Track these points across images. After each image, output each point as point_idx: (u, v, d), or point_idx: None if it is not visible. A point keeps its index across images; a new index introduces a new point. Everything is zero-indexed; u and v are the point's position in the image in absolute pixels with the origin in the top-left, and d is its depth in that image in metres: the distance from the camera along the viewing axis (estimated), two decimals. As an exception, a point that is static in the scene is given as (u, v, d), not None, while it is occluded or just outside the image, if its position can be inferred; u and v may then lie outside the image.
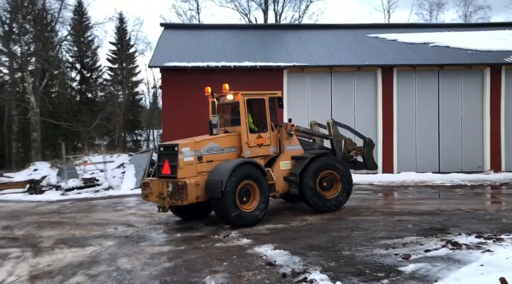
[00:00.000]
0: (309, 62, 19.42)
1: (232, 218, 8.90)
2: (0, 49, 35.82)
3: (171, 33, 23.71)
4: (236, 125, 10.07)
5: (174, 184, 8.82)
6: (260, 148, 10.13)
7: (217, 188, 8.72)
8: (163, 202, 9.09)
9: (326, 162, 10.58)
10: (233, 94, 10.13)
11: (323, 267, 6.08)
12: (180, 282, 5.64)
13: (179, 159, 8.90)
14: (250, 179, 9.27)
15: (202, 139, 9.47)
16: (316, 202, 10.35)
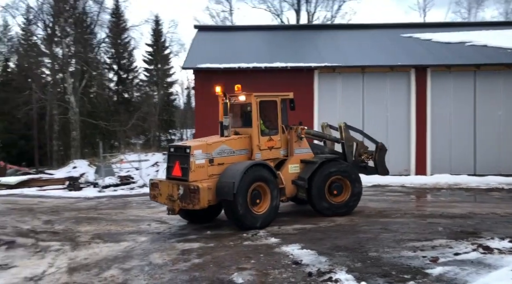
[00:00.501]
0: (340, 63, 19.32)
1: (243, 220, 8.75)
2: (43, 51, 37.52)
3: (204, 35, 24.12)
4: (247, 126, 9.90)
5: (185, 187, 8.59)
6: (271, 151, 9.95)
7: (229, 190, 8.52)
8: (172, 204, 8.88)
9: (336, 168, 10.31)
10: (246, 95, 9.96)
11: (349, 268, 6.14)
12: (208, 277, 5.83)
13: (191, 162, 8.71)
14: (262, 181, 9.09)
15: (214, 141, 9.31)
16: (324, 208, 10.12)
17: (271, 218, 9.25)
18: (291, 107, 10.30)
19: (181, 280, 5.77)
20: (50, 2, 33.43)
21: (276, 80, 18.91)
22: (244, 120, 10.25)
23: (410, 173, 19.03)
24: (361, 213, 10.70)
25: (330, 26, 28.89)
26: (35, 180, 20.55)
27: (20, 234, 9.50)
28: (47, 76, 38.62)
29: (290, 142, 10.30)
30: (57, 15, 33.25)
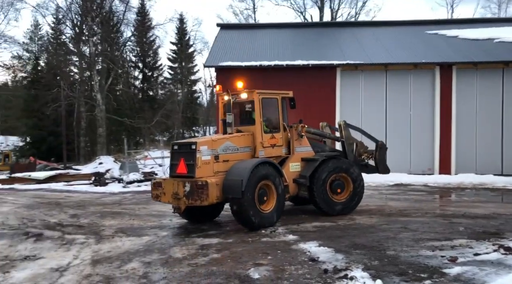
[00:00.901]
0: (363, 60, 19.18)
1: (251, 219, 8.55)
2: (71, 49, 38.52)
3: (227, 33, 24.30)
4: (249, 124, 9.78)
5: (192, 184, 8.40)
6: (273, 149, 9.86)
7: (237, 187, 8.34)
8: (178, 202, 8.67)
9: (337, 165, 10.23)
10: (248, 92, 9.81)
11: (365, 265, 6.15)
12: (225, 272, 5.95)
13: (197, 158, 8.55)
14: (268, 180, 8.95)
15: (218, 138, 9.23)
16: (326, 206, 10.02)
17: (277, 217, 9.11)
18: (291, 105, 10.20)
19: (199, 274, 5.90)
20: (78, 2, 34.27)
21: (298, 78, 18.94)
22: (246, 117, 10.08)
23: (433, 172, 18.76)
24: (381, 212, 10.65)
25: (353, 24, 28.63)
26: (63, 175, 21.22)
27: (47, 227, 9.87)
28: (75, 74, 39.62)
29: (291, 140, 10.21)
30: (84, 14, 34.06)
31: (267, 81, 19.62)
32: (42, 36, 47.58)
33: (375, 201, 12.72)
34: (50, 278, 5.88)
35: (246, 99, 9.82)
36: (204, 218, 9.75)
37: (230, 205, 8.71)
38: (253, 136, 9.59)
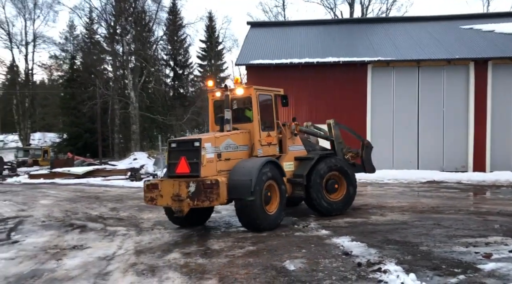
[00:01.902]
0: (395, 57, 19.06)
1: (259, 221, 8.18)
2: (105, 49, 39.70)
3: (257, 31, 24.54)
4: (245, 121, 9.40)
5: (198, 184, 7.86)
6: (269, 147, 9.51)
7: (246, 188, 7.94)
8: (180, 205, 8.03)
9: (332, 163, 10.00)
10: (245, 89, 9.36)
11: (398, 260, 6.27)
12: (262, 263, 6.20)
13: (202, 156, 8.04)
14: (273, 180, 8.61)
15: (221, 135, 8.71)
16: (323, 205, 9.78)
17: (280, 219, 8.78)
18: (283, 103, 9.82)
19: (237, 264, 6.18)
20: (112, 2, 35.28)
21: (328, 75, 19.02)
22: (240, 115, 9.64)
23: (467, 169, 18.49)
24: (413, 209, 10.68)
25: (384, 19, 28.32)
26: (100, 170, 22.07)
27: (90, 219, 10.40)
28: (109, 73, 40.81)
29: (283, 139, 9.90)
30: (118, 14, 35.03)
31: (297, 79, 19.80)
32: (77, 36, 49.20)
33: (407, 198, 12.73)
34: (99, 266, 6.29)
35: (242, 95, 9.36)
36: (195, 222, 9.19)
37: (237, 206, 8.24)
38: (250, 134, 9.22)
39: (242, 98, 9.51)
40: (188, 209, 8.03)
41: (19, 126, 47.08)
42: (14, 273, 6.01)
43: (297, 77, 19.75)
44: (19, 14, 46.11)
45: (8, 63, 49.45)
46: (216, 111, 9.78)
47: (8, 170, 29.67)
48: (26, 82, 47.77)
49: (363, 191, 14.95)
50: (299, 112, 19.99)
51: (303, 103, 19.99)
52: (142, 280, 5.58)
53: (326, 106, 19.79)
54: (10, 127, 58.95)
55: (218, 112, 9.68)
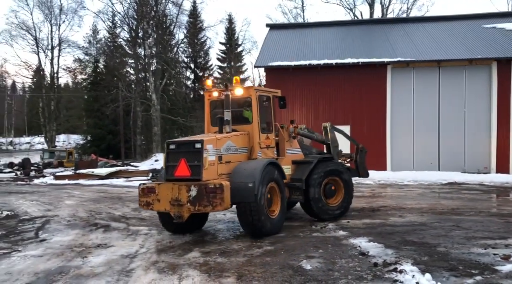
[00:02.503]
0: (415, 57, 18.92)
1: (261, 225, 7.82)
2: (127, 52, 40.48)
3: (276, 33, 24.68)
4: (244, 123, 9.04)
5: (201, 188, 7.42)
6: (268, 150, 9.17)
7: (250, 191, 7.60)
8: (179, 210, 7.57)
9: (330, 168, 9.73)
10: (244, 89, 9.05)
11: (415, 260, 6.31)
12: (279, 262, 6.34)
13: (204, 158, 7.62)
14: (274, 182, 8.32)
15: (222, 137, 8.32)
16: (322, 210, 9.50)
17: (282, 223, 8.51)
18: (280, 105, 9.51)
19: (255, 263, 6.33)
20: (134, 7, 36.01)
21: (347, 76, 19.01)
22: (238, 116, 9.17)
23: (490, 171, 18.20)
24: (432, 210, 10.64)
25: (404, 20, 28.06)
26: (122, 171, 22.56)
27: (113, 219, 10.72)
28: (132, 76, 41.58)
29: (281, 142, 9.60)
30: (140, 18, 35.70)
31: (316, 80, 19.86)
32: (101, 39, 50.31)
33: (427, 200, 12.65)
34: (123, 263, 6.54)
35: (242, 95, 9.02)
36: (189, 228, 8.72)
37: (239, 210, 7.85)
38: (249, 136, 8.89)
39: (240, 99, 9.13)
40: (188, 214, 7.59)
41: (45, 128, 48.43)
42: (42, 269, 6.31)
43: (316, 78, 19.81)
44: (45, 19, 47.52)
45: (35, 67, 50.91)
46: (213, 112, 9.49)
47: (34, 171, 30.60)
48: (52, 86, 49.10)
49: (383, 192, 14.91)
50: (318, 114, 20.05)
51: (322, 105, 20.03)
52: (163, 277, 5.79)
53: (344, 108, 19.80)
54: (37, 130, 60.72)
55: (215, 112, 9.40)
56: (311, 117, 19.85)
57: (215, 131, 8.92)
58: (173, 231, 8.65)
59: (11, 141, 64.87)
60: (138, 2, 35.75)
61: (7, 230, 9.54)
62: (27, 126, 69.50)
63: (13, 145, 63.18)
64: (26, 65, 50.11)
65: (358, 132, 19.72)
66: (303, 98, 19.87)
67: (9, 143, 63.70)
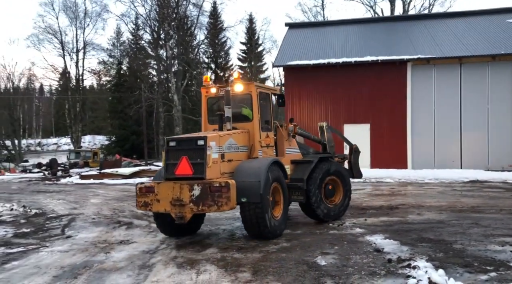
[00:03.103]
0: (435, 54, 18.71)
1: (266, 226, 7.46)
2: (149, 53, 41.21)
3: (295, 32, 24.75)
4: (243, 121, 8.69)
5: (205, 186, 7.03)
6: (268, 149, 8.82)
7: (255, 190, 7.26)
8: (181, 210, 7.16)
9: (330, 167, 9.51)
10: (245, 85, 8.67)
11: (429, 257, 6.35)
12: (294, 258, 6.48)
13: (208, 156, 7.24)
14: (278, 182, 7.97)
15: (224, 134, 7.96)
16: (323, 211, 9.24)
17: (284, 226, 8.15)
18: (279, 103, 9.20)
19: (270, 259, 6.49)
20: (156, 9, 36.64)
21: (367, 74, 18.95)
22: (236, 113, 8.76)
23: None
24: (452, 208, 10.57)
25: (425, 16, 27.69)
26: (145, 171, 23.06)
27: (135, 217, 11.05)
28: (154, 77, 42.30)
29: (280, 141, 9.25)
30: (162, 20, 36.30)
31: (335, 79, 19.85)
32: (124, 42, 51.35)
33: (447, 198, 12.56)
34: (143, 258, 6.81)
35: (242, 92, 8.64)
36: (186, 230, 8.36)
37: (244, 211, 7.50)
38: (249, 134, 8.54)
39: (240, 95, 8.73)
40: (191, 215, 7.21)
41: (71, 129, 49.75)
42: (68, 264, 6.63)
43: (335, 77, 19.81)
44: (71, 23, 48.82)
45: (61, 70, 52.34)
46: (211, 109, 9.22)
47: (61, 171, 31.56)
48: (77, 88, 50.38)
49: (402, 190, 14.84)
50: (337, 112, 20.05)
51: (341, 103, 20.01)
52: (182, 272, 6.01)
53: (364, 106, 19.73)
54: (63, 131, 62.37)
55: (212, 109, 9.15)
56: (330, 116, 19.86)
57: (213, 129, 8.67)
58: (169, 234, 8.31)
59: (39, 142, 66.94)
60: (159, 4, 36.38)
61: (35, 227, 9.98)
62: (54, 128, 71.54)
63: (41, 146, 65.16)
64: (52, 68, 51.64)
65: (378, 130, 19.64)
66: (322, 96, 19.91)
67: (37, 144, 65.73)
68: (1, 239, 8.73)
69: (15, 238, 8.78)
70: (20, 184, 24.53)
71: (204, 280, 5.59)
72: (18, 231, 9.49)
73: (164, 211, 7.41)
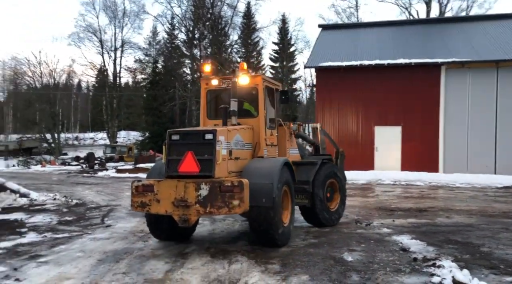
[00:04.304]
0: (471, 57, 18.45)
1: (277, 232, 6.81)
2: (184, 53, 42.11)
3: (328, 34, 24.85)
4: (245, 116, 7.98)
5: (214, 185, 6.27)
6: (272, 148, 8.21)
7: (268, 193, 6.57)
8: (185, 212, 6.38)
9: (331, 170, 9.12)
10: (251, 77, 7.93)
11: (455, 258, 6.47)
12: (321, 254, 6.75)
13: (217, 151, 6.49)
14: (287, 185, 7.34)
15: (232, 129, 7.23)
16: (324, 216, 8.84)
17: (291, 233, 7.51)
18: (282, 100, 8.53)
19: (298, 253, 6.78)
20: (192, 9, 37.46)
21: (399, 77, 18.89)
22: (240, 108, 7.94)
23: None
24: (482, 213, 10.55)
25: (462, 19, 27.18)
26: (178, 167, 23.64)
27: (170, 210, 11.54)
28: (188, 76, 43.18)
29: (282, 140, 8.63)
30: (196, 20, 37.07)
31: (367, 81, 19.86)
32: (159, 41, 52.62)
33: (478, 203, 12.48)
34: (179, 248, 7.24)
35: (247, 85, 7.89)
36: (182, 235, 7.72)
37: (253, 216, 6.75)
38: (254, 131, 7.86)
39: (244, 89, 7.96)
40: (196, 218, 6.48)
41: (107, 125, 51.44)
42: (110, 250, 7.13)
43: (367, 79, 19.82)
44: (110, 22, 50.47)
45: (99, 67, 54.17)
46: (211, 102, 8.47)
47: (98, 164, 32.81)
48: (114, 85, 52.02)
49: (432, 194, 14.79)
50: (368, 114, 20.05)
51: (372, 105, 20.00)
52: (215, 261, 6.39)
53: (396, 109, 19.65)
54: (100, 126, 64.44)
55: (213, 103, 8.46)
56: (361, 117, 19.90)
57: (214, 124, 7.96)
58: (163, 238, 7.62)
59: (76, 137, 69.49)
60: (195, 5, 37.17)
61: (77, 216, 10.63)
62: (91, 123, 74.05)
63: (78, 140, 67.61)
64: (91, 65, 53.52)
65: (409, 133, 19.54)
66: (353, 98, 19.96)
67: (74, 138, 68.23)
68: (47, 225, 9.39)
69: (60, 225, 9.41)
70: (60, 175, 25.75)
71: (236, 269, 5.94)
72: (61, 219, 10.15)
73: (165, 213, 6.54)
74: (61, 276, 5.67)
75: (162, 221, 7.14)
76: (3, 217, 10.34)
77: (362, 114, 20.04)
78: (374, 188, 16.94)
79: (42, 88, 49.92)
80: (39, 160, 39.32)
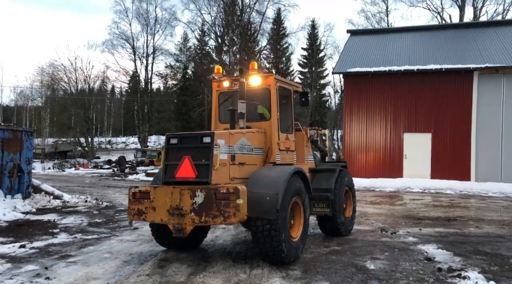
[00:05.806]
0: (505, 63, 17.92)
1: (281, 248, 6.12)
2: (213, 59, 42.71)
3: (357, 39, 24.68)
4: (259, 120, 7.52)
5: (209, 193, 5.84)
6: (287, 154, 7.67)
7: (271, 204, 6.01)
8: (180, 221, 5.99)
9: (348, 177, 8.85)
10: (263, 77, 7.44)
11: (483, 269, 6.31)
12: (343, 261, 6.72)
13: (215, 156, 6.04)
14: (298, 197, 6.76)
15: (236, 131, 6.79)
16: (343, 225, 8.54)
17: (302, 247, 6.88)
18: (302, 102, 8.12)
19: (320, 260, 6.77)
20: (221, 16, 38.00)
21: (430, 83, 18.57)
22: (249, 109, 7.53)
23: None
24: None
25: (496, 23, 26.42)
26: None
27: (196, 214, 11.73)
28: (217, 81, 43.72)
29: (299, 146, 8.20)
30: (226, 26, 37.55)
31: (396, 87, 19.59)
32: (190, 47, 53.56)
33: (511, 213, 12.05)
34: (202, 251, 7.37)
35: (259, 86, 7.44)
36: (189, 243, 7.38)
37: (254, 228, 6.21)
38: (266, 135, 7.35)
39: (257, 90, 7.50)
40: (191, 227, 5.99)
41: (138, 129, 52.66)
42: (136, 251, 7.34)
43: (396, 85, 19.55)
44: (142, 30, 51.76)
45: (131, 73, 55.58)
46: (222, 105, 7.95)
47: (129, 168, 33.61)
48: (146, 90, 53.23)
49: (462, 203, 14.41)
50: (397, 121, 19.74)
51: (401, 112, 19.69)
52: (236, 265, 6.47)
53: (426, 116, 19.28)
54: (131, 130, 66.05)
55: (225, 106, 7.87)
56: (390, 124, 19.62)
57: (224, 128, 7.42)
58: (168, 246, 7.30)
59: (109, 140, 71.42)
60: (225, 12, 37.69)
61: (106, 218, 10.96)
62: (123, 127, 75.96)
63: (110, 144, 69.47)
64: (124, 71, 54.93)
65: (440, 140, 19.11)
66: (381, 104, 19.72)
67: (107, 142, 70.14)
68: (78, 226, 9.74)
69: (90, 227, 9.75)
70: (92, 178, 26.54)
71: (257, 274, 6.00)
72: (91, 221, 10.50)
73: (160, 222, 6.22)
74: (88, 276, 5.88)
75: (166, 230, 6.58)
76: (38, 218, 10.80)
77: (391, 120, 19.75)
78: (402, 196, 16.64)
79: (77, 93, 51.60)
80: (73, 163, 40.68)
